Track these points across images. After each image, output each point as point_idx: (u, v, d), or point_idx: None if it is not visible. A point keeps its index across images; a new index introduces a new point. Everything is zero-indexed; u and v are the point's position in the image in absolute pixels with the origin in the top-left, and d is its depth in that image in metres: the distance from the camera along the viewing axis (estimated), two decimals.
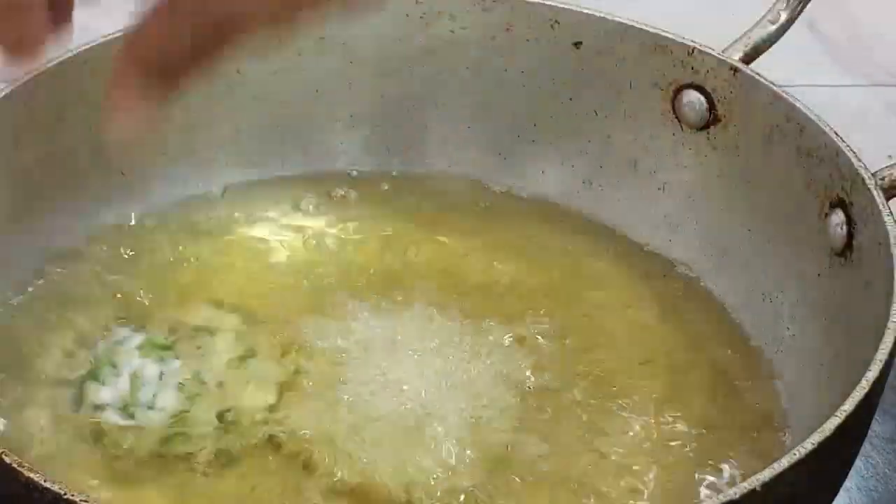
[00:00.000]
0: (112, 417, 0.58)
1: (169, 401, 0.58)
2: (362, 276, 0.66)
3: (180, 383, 0.59)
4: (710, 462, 0.57)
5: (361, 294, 0.65)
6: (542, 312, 0.64)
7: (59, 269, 0.65)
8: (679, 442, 0.58)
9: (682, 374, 0.62)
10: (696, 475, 0.57)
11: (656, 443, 0.58)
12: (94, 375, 0.59)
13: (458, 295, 0.65)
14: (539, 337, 0.63)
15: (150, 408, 0.58)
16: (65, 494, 0.44)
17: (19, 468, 0.45)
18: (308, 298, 0.65)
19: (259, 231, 0.69)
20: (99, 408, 0.58)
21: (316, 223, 0.70)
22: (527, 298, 0.65)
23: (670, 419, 0.59)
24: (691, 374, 0.62)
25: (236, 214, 0.69)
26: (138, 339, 0.61)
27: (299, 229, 0.69)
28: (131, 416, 0.58)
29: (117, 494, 0.55)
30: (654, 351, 0.63)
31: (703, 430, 0.59)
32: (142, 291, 0.64)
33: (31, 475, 0.44)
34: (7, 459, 0.45)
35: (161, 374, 0.60)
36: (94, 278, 0.65)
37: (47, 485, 0.44)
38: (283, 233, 0.69)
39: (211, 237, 0.68)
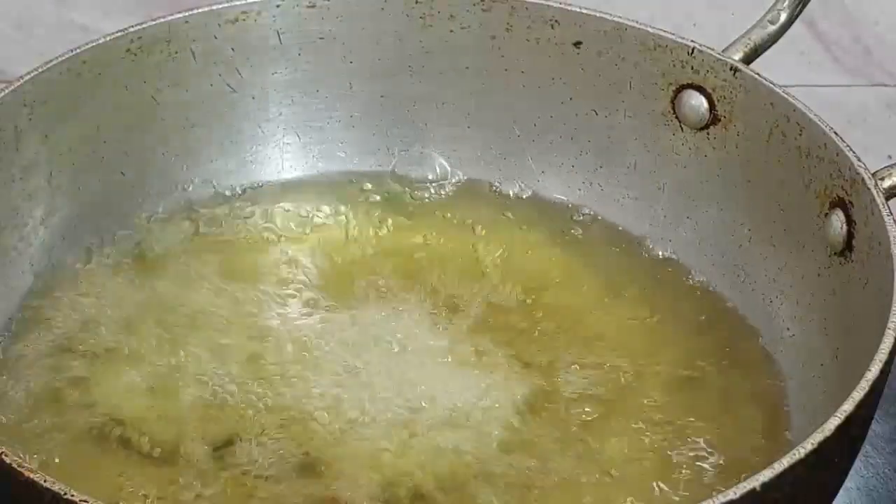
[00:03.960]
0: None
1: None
2: (361, 275, 0.66)
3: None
4: (709, 462, 0.57)
5: (360, 293, 0.65)
6: (539, 311, 0.64)
7: (63, 269, 0.65)
8: (678, 442, 0.58)
9: (681, 375, 0.62)
10: (695, 475, 0.57)
11: (654, 442, 0.58)
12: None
13: (455, 293, 0.65)
14: (535, 335, 0.63)
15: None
16: (65, 494, 0.44)
17: (19, 468, 0.44)
18: (308, 296, 0.65)
19: (258, 231, 0.69)
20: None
21: (315, 223, 0.70)
22: (524, 297, 0.65)
23: (669, 419, 0.59)
24: (690, 374, 0.62)
25: (235, 215, 0.69)
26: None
27: (298, 229, 0.69)
28: None
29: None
30: (652, 351, 0.63)
31: (703, 430, 0.59)
32: (148, 290, 0.64)
33: (31, 475, 0.44)
34: (7, 459, 0.45)
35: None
36: (98, 279, 0.65)
37: (47, 485, 0.44)
38: (282, 232, 0.69)
39: (211, 238, 0.68)
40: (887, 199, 0.57)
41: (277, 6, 0.69)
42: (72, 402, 0.59)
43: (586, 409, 0.59)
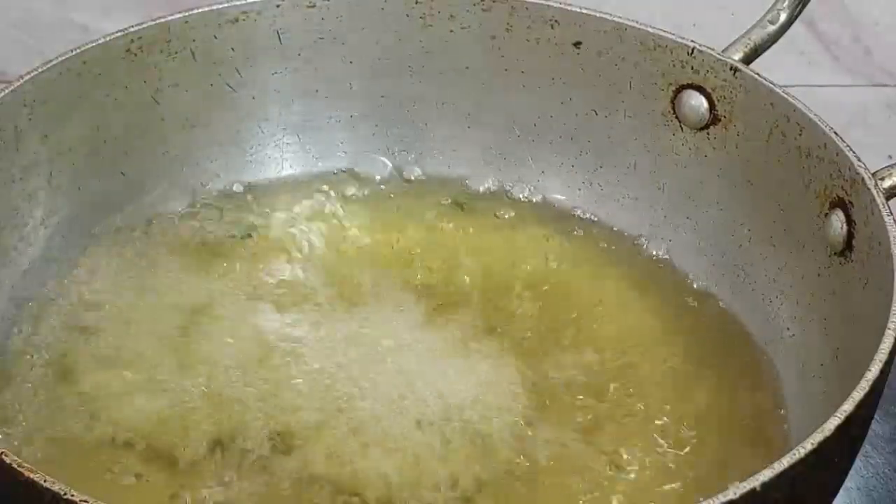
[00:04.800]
0: None
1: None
2: (362, 275, 0.66)
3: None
4: (709, 462, 0.57)
5: (361, 292, 0.65)
6: (538, 312, 0.65)
7: (63, 270, 0.65)
8: (678, 442, 0.58)
9: (682, 374, 0.62)
10: (696, 475, 0.57)
11: (655, 443, 0.58)
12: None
13: (456, 294, 0.65)
14: (536, 334, 0.63)
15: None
16: (65, 494, 0.44)
17: (19, 468, 0.45)
18: (308, 296, 0.65)
19: (258, 231, 0.69)
20: None
21: (315, 223, 0.70)
22: (523, 298, 0.65)
23: (669, 419, 0.59)
24: (691, 375, 0.62)
25: (235, 215, 0.69)
26: None
27: (298, 228, 0.69)
28: None
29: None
30: (652, 351, 0.63)
31: (703, 430, 0.59)
32: (148, 290, 0.64)
33: (31, 475, 0.44)
34: (7, 459, 0.45)
35: None
36: (98, 279, 0.65)
37: (47, 485, 0.44)
38: (283, 232, 0.69)
39: (212, 238, 0.68)
40: (887, 199, 0.57)
41: (277, 6, 0.69)
42: (71, 402, 0.59)
43: (587, 408, 0.59)
